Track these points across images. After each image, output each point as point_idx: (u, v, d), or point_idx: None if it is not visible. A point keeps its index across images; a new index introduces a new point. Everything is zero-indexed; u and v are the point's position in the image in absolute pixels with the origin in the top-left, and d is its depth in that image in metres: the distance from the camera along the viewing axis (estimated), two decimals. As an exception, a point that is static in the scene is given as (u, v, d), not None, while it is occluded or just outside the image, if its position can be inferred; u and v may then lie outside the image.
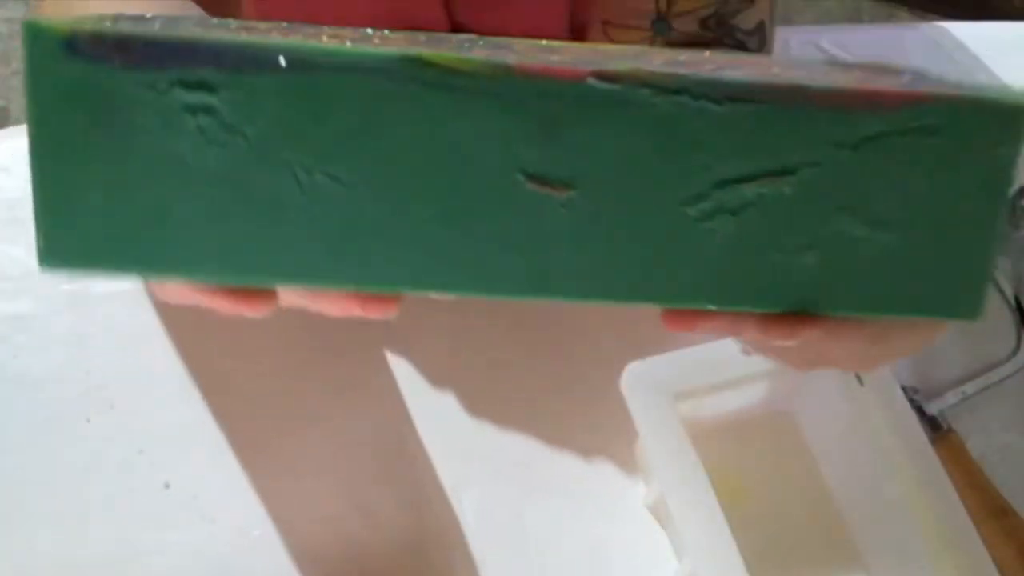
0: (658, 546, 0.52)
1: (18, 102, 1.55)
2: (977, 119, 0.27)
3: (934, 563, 0.48)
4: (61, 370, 0.51)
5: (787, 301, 0.28)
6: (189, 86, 0.25)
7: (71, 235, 0.26)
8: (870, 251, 0.28)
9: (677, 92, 0.26)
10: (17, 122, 1.57)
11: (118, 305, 0.54)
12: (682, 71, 0.26)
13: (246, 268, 0.26)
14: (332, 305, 0.28)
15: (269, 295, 0.28)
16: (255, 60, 0.25)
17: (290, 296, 0.29)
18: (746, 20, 0.50)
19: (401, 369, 0.55)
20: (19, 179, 0.55)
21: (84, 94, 0.25)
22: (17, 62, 1.58)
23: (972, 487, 0.55)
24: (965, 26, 0.82)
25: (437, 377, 0.55)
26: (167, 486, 0.49)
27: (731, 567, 0.45)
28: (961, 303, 0.29)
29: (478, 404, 0.54)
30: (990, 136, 0.27)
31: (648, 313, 0.58)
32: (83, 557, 0.47)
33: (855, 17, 1.79)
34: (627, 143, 0.26)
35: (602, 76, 0.26)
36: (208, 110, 0.25)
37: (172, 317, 0.54)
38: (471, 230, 0.27)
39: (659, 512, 0.53)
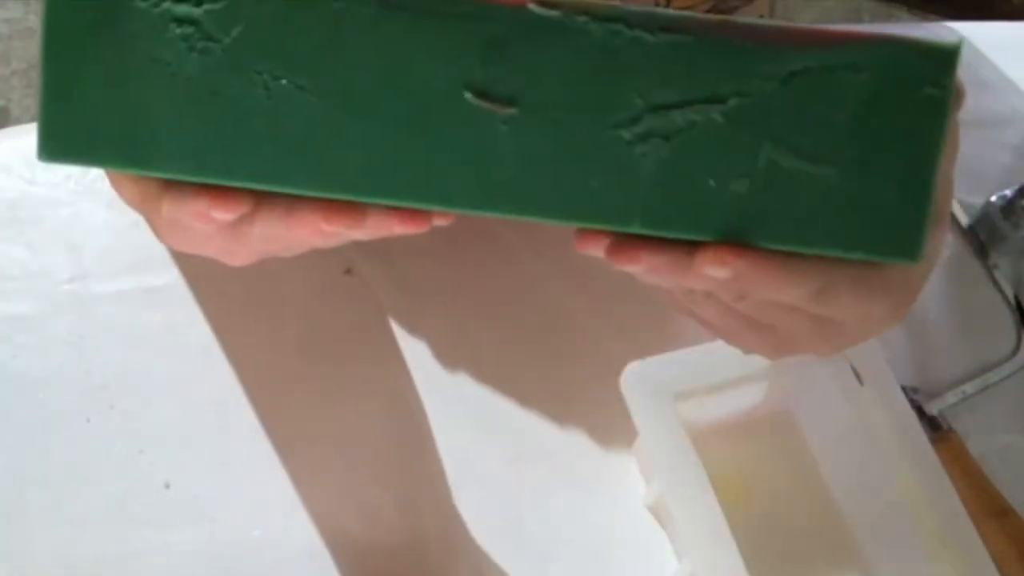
0: (658, 546, 0.52)
1: (18, 102, 1.55)
2: (905, 59, 0.28)
3: (934, 563, 0.48)
4: (61, 370, 0.51)
5: (718, 229, 0.29)
6: None
7: (67, 130, 0.29)
8: (803, 184, 0.29)
9: (613, 20, 0.28)
10: (17, 122, 1.57)
11: (118, 305, 0.54)
12: (615, 3, 0.28)
13: (218, 167, 0.29)
14: (301, 224, 0.30)
15: (240, 195, 0.30)
16: None
17: (268, 225, 0.31)
18: (744, 17, 0.50)
19: (400, 369, 0.55)
20: (19, 179, 0.55)
21: (89, 3, 0.28)
22: (17, 62, 1.58)
23: (972, 487, 0.55)
24: (965, 26, 0.82)
25: (436, 377, 0.55)
26: (167, 486, 0.49)
27: (731, 567, 0.45)
28: (899, 243, 0.29)
29: (478, 404, 0.54)
30: (919, 77, 0.28)
31: (648, 313, 0.58)
32: (83, 557, 0.47)
33: (855, 17, 1.79)
34: (566, 66, 0.28)
35: (543, 3, 0.28)
36: (192, 21, 0.28)
37: (189, 304, 0.54)
38: (421, 142, 0.29)
39: (659, 512, 0.53)
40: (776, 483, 0.55)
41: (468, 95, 0.29)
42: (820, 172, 0.29)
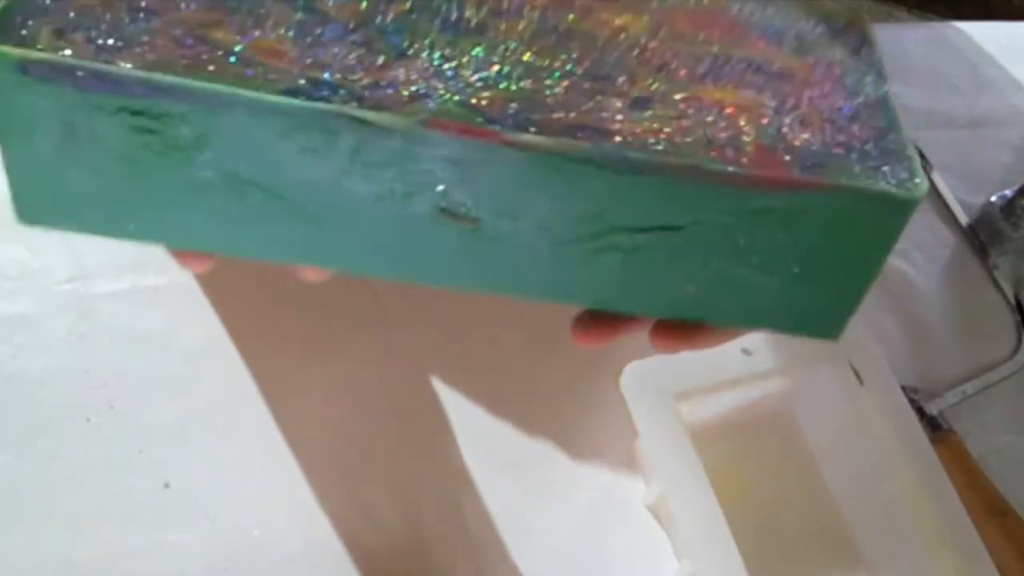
0: (658, 546, 0.52)
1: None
2: (865, 206, 0.29)
3: (934, 563, 0.48)
4: (61, 370, 0.51)
5: (665, 311, 0.32)
6: (132, 112, 0.27)
7: (36, 204, 0.30)
8: (748, 288, 0.31)
9: (581, 162, 0.28)
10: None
11: (118, 305, 0.54)
12: (586, 145, 0.28)
13: (181, 238, 0.31)
14: (282, 266, 0.33)
15: (204, 256, 0.33)
16: (190, 98, 0.27)
17: None
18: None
19: (400, 369, 0.55)
20: (19, 179, 0.55)
21: (42, 107, 0.27)
22: (17, 62, 1.58)
23: (972, 487, 0.55)
24: (964, 26, 0.83)
25: (437, 377, 0.55)
26: (167, 486, 0.49)
27: (731, 567, 0.45)
28: (826, 328, 0.32)
29: (478, 404, 0.54)
30: (876, 220, 0.29)
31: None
32: (83, 557, 0.47)
33: (855, 17, 1.78)
34: (532, 194, 0.29)
35: (509, 143, 0.28)
36: (151, 131, 0.28)
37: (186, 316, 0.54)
38: (388, 244, 0.30)
39: (659, 512, 0.53)
40: (776, 483, 0.55)
41: (434, 211, 0.29)
42: (765, 279, 0.31)
